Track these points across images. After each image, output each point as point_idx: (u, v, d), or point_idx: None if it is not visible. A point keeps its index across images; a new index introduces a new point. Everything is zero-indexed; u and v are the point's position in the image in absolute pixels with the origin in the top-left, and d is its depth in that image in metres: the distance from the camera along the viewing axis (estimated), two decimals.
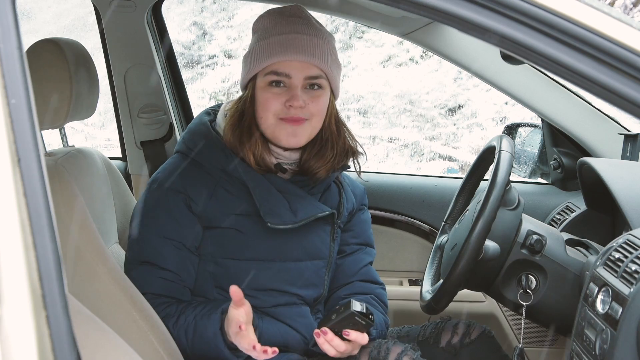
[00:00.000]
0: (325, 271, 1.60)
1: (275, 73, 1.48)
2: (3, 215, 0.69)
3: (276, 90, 1.49)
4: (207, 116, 1.61)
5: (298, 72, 1.47)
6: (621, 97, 0.92)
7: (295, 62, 1.47)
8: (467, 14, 0.92)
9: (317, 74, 1.49)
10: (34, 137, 0.71)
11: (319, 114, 1.51)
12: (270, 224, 1.49)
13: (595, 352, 1.26)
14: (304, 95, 1.48)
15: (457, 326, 1.67)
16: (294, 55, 1.47)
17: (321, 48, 1.49)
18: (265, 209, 1.49)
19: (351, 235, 1.69)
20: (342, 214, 1.64)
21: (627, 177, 1.67)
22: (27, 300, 0.68)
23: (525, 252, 1.56)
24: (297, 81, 1.48)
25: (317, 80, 1.50)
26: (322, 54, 1.49)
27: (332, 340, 1.39)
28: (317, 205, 1.56)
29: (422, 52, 8.52)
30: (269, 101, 1.49)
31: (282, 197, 1.52)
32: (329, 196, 1.63)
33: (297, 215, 1.52)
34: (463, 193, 1.85)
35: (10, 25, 0.72)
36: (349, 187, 1.70)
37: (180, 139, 1.61)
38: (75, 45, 1.47)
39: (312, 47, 1.48)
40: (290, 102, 1.47)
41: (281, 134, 1.50)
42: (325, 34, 1.53)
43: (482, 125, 7.79)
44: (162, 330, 1.35)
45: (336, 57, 1.55)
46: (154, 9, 2.37)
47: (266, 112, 1.49)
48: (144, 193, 1.56)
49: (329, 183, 1.62)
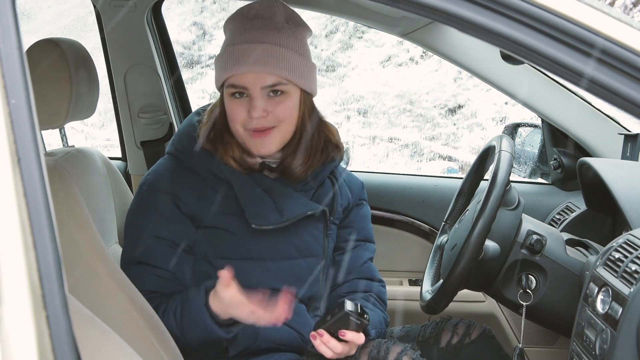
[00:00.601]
0: (321, 269, 1.60)
1: (233, 86, 1.48)
2: (3, 215, 0.69)
3: (239, 101, 1.49)
4: (197, 116, 1.61)
5: (253, 83, 1.46)
6: (621, 97, 0.92)
7: (249, 74, 1.46)
8: (467, 14, 0.92)
9: (274, 81, 1.46)
10: (34, 137, 0.71)
11: (286, 118, 1.49)
12: (255, 225, 1.49)
13: (595, 352, 1.26)
14: (265, 104, 1.46)
15: (457, 326, 1.67)
16: (246, 67, 1.45)
17: (277, 56, 1.46)
18: (250, 210, 1.50)
19: (350, 231, 1.68)
20: (335, 210, 1.63)
21: (627, 177, 1.67)
22: (27, 300, 0.68)
23: (525, 252, 1.56)
24: (255, 92, 1.46)
25: (277, 87, 1.47)
26: (277, 62, 1.46)
27: (329, 342, 1.39)
28: (305, 203, 1.56)
29: (422, 52, 8.51)
30: (234, 112, 1.49)
31: (267, 197, 1.52)
32: (322, 193, 1.62)
33: (284, 214, 1.51)
34: (463, 193, 1.85)
35: (10, 25, 0.72)
36: (344, 182, 1.69)
37: (171, 141, 1.62)
38: (75, 45, 1.47)
39: (266, 57, 1.45)
40: (250, 113, 1.47)
41: (250, 145, 1.50)
42: (287, 35, 1.49)
43: (482, 125, 7.79)
44: (162, 330, 1.35)
45: (302, 58, 1.50)
46: (154, 9, 2.37)
47: (233, 122, 1.50)
48: (136, 195, 1.57)
49: (323, 178, 1.62)
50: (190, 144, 1.55)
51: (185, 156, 1.55)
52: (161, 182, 1.53)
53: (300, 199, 1.56)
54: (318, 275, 1.60)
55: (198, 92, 8.34)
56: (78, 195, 1.34)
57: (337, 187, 1.65)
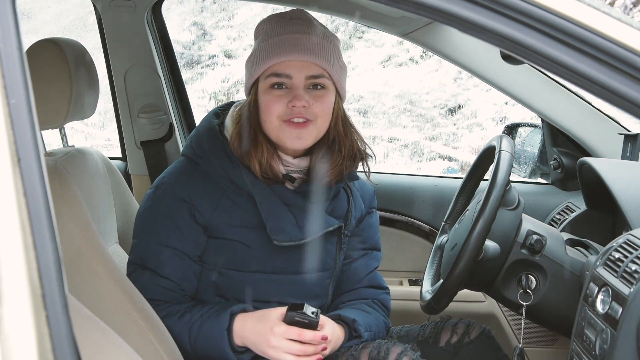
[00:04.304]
0: (330, 282, 1.60)
1: (275, 74, 1.45)
2: (3, 215, 0.69)
3: (278, 93, 1.46)
4: (216, 118, 1.57)
5: (298, 71, 1.45)
6: (621, 97, 0.92)
7: (295, 61, 1.45)
8: (467, 14, 0.92)
9: (319, 72, 1.46)
10: (34, 137, 0.71)
11: (323, 114, 1.48)
12: (276, 241, 1.47)
13: (595, 352, 1.26)
14: (307, 95, 1.45)
15: (456, 326, 1.67)
16: (293, 54, 1.44)
17: (321, 47, 1.47)
18: (272, 224, 1.47)
19: (359, 240, 1.66)
20: (349, 223, 1.61)
21: (627, 177, 1.67)
22: (27, 300, 0.68)
23: (525, 252, 1.56)
24: (299, 81, 1.45)
25: (319, 79, 1.47)
26: (322, 52, 1.46)
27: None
28: (323, 219, 1.54)
29: (422, 52, 8.52)
30: (272, 103, 1.46)
31: (288, 211, 1.49)
32: (337, 204, 1.60)
33: (303, 231, 1.49)
34: (463, 193, 1.85)
35: (10, 25, 0.72)
36: (357, 192, 1.66)
37: (187, 142, 1.57)
38: (75, 45, 1.47)
39: (312, 45, 1.45)
40: (292, 102, 1.44)
41: (285, 137, 1.46)
42: (328, 34, 1.51)
43: (482, 125, 7.79)
44: (162, 330, 1.35)
45: (340, 57, 1.52)
46: (154, 9, 2.37)
47: (269, 115, 1.46)
48: (149, 197, 1.53)
49: (338, 190, 1.59)
50: (211, 147, 1.51)
51: (204, 160, 1.51)
52: (178, 189, 1.49)
53: (319, 215, 1.53)
54: (327, 287, 1.60)
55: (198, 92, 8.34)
56: (78, 195, 1.34)
57: (351, 198, 1.63)
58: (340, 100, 1.54)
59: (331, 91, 1.49)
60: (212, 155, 1.50)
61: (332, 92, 1.50)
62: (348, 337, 1.50)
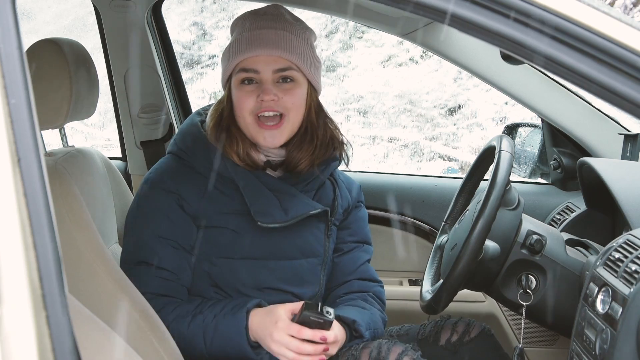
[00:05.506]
0: (321, 269, 1.61)
1: (244, 70, 1.49)
2: (3, 215, 0.69)
3: (248, 88, 1.49)
4: (198, 117, 1.62)
5: (266, 65, 1.48)
6: (621, 97, 0.92)
7: (262, 56, 1.48)
8: (467, 14, 0.92)
9: (286, 65, 1.49)
10: (34, 137, 0.71)
11: (294, 107, 1.51)
12: (261, 223, 1.49)
13: (595, 352, 1.26)
14: (275, 89, 1.48)
15: (456, 324, 1.67)
16: (259, 49, 1.47)
17: (288, 40, 1.49)
18: (256, 207, 1.50)
19: (348, 233, 1.69)
20: (336, 211, 1.64)
21: (627, 177, 1.67)
22: (27, 300, 0.68)
23: (525, 252, 1.56)
24: (266, 75, 1.48)
25: (287, 72, 1.49)
26: (289, 46, 1.48)
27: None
28: (309, 203, 1.56)
29: (422, 52, 8.52)
30: (243, 99, 1.49)
31: (272, 195, 1.53)
32: (323, 194, 1.63)
33: (288, 213, 1.52)
34: (463, 193, 1.85)
35: (10, 25, 0.72)
36: (343, 184, 1.70)
37: (172, 140, 1.62)
38: (75, 45, 1.47)
39: (278, 39, 1.48)
40: (261, 97, 1.47)
41: (259, 137, 1.51)
42: (297, 28, 1.52)
43: (482, 125, 7.79)
44: (162, 330, 1.35)
45: (311, 50, 1.54)
46: (154, 9, 2.37)
47: (241, 110, 1.50)
48: (137, 194, 1.57)
49: (323, 180, 1.62)
50: (194, 142, 1.55)
51: (188, 155, 1.55)
52: (164, 182, 1.53)
53: (304, 199, 1.56)
54: (319, 275, 1.61)
55: (198, 92, 8.35)
56: (78, 195, 1.34)
57: (337, 188, 1.66)
58: (315, 92, 1.56)
59: (301, 84, 1.52)
60: (195, 149, 1.54)
61: (302, 85, 1.52)
62: (349, 337, 1.51)
